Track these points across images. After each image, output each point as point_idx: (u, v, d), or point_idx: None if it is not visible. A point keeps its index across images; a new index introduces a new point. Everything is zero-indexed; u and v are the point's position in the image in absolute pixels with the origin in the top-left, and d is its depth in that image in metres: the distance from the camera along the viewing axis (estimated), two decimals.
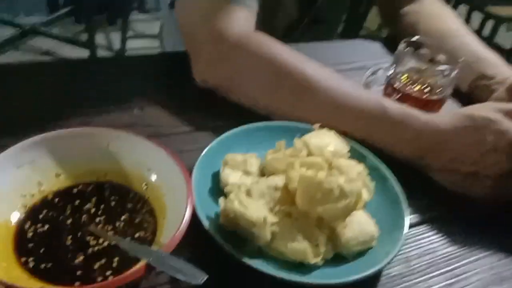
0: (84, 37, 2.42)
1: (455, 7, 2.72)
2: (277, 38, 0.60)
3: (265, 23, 0.65)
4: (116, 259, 0.37)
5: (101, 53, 2.42)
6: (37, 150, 0.41)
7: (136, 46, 2.48)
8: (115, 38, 2.49)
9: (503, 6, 2.53)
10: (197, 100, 0.60)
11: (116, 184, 0.43)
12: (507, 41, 2.93)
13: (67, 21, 2.62)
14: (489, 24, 2.57)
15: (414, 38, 0.63)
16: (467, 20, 2.85)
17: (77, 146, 0.43)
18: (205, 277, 0.31)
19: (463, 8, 2.72)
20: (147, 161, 0.43)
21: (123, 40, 2.33)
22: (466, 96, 0.70)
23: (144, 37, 2.61)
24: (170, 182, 0.41)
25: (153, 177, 0.43)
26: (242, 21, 0.60)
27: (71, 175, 0.43)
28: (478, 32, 2.81)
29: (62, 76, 0.63)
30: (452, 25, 0.78)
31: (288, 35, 0.87)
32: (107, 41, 2.56)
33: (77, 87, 0.60)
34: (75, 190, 0.42)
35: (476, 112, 0.51)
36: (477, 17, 2.72)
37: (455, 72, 0.59)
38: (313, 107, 0.54)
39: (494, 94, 0.65)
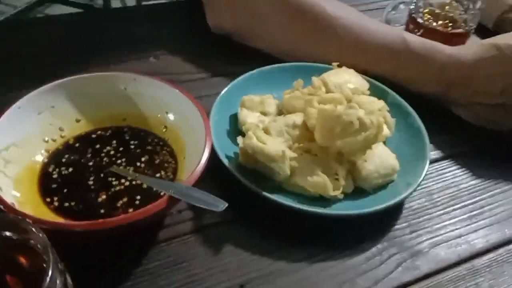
0: (99, 2, 2.41)
1: None
2: None
3: None
4: (138, 197, 0.37)
5: None
6: (56, 95, 0.42)
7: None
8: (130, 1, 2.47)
9: None
10: (212, 47, 0.59)
11: (135, 128, 0.44)
12: None
13: None
14: None
15: None
16: None
17: (95, 91, 0.43)
18: (226, 205, 0.31)
19: None
20: (164, 103, 0.43)
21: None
22: (493, 34, 0.66)
23: None
24: (188, 123, 0.41)
25: (172, 119, 0.43)
26: None
27: (90, 120, 0.43)
28: None
29: (78, 27, 0.63)
30: None
31: None
32: (123, 4, 2.54)
33: (93, 37, 0.60)
34: (95, 135, 0.43)
35: (501, 41, 0.48)
36: None
37: (480, 3, 0.56)
38: (333, 44, 0.53)
39: None
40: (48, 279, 0.23)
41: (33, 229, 0.25)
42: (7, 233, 0.27)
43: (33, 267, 0.27)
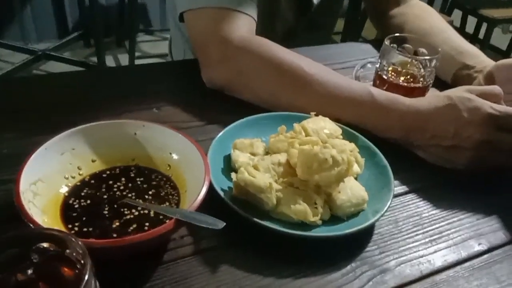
0: (93, 59, 2.54)
1: (449, 11, 2.81)
2: (275, 43, 0.68)
3: (264, 29, 0.74)
4: (146, 224, 0.44)
5: None
6: (76, 139, 0.49)
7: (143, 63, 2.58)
8: (124, 59, 2.60)
9: (496, 9, 2.61)
10: (206, 99, 0.68)
11: (142, 167, 0.51)
12: (503, 42, 3.01)
13: (77, 45, 2.74)
14: (484, 27, 2.64)
15: (397, 34, 0.70)
16: (463, 23, 2.93)
17: (109, 136, 0.50)
18: (224, 224, 0.38)
19: (458, 12, 2.80)
20: (169, 146, 0.50)
21: (131, 60, 2.43)
22: (450, 86, 0.77)
23: (151, 56, 2.72)
24: (189, 162, 0.48)
25: (175, 158, 0.50)
26: (244, 26, 0.68)
27: (104, 161, 0.50)
28: (474, 35, 2.90)
29: (84, 83, 0.71)
30: (435, 23, 0.86)
31: (286, 40, 0.95)
32: (116, 62, 2.67)
33: (101, 91, 0.68)
34: (108, 173, 0.50)
35: (452, 93, 0.58)
36: (471, 20, 2.80)
37: (435, 61, 0.66)
38: (310, 98, 0.62)
39: (475, 82, 0.72)
40: (85, 278, 0.29)
41: (71, 238, 0.31)
42: (44, 245, 0.33)
43: (66, 276, 0.33)
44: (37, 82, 0.74)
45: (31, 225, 0.38)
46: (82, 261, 0.31)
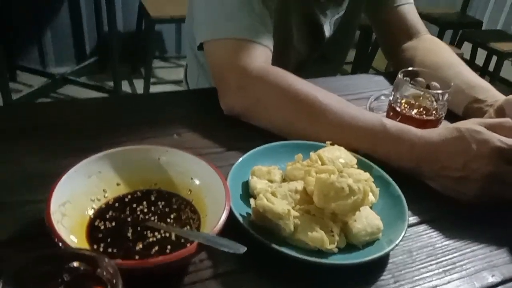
0: (109, 84, 2.61)
1: (459, 44, 2.85)
2: None
3: (277, 60, 0.77)
4: (168, 247, 0.45)
5: None
6: (103, 163, 0.51)
7: (158, 91, 2.64)
8: (139, 85, 2.67)
9: (505, 42, 2.65)
10: (225, 126, 0.71)
11: (164, 191, 0.53)
12: None
13: (94, 70, 2.82)
14: (494, 60, 2.68)
15: (411, 68, 0.73)
16: (473, 56, 2.97)
17: (134, 160, 0.52)
18: (245, 248, 0.40)
19: (468, 45, 2.84)
20: (190, 171, 0.52)
21: (146, 86, 2.49)
22: (462, 119, 0.78)
23: (166, 83, 2.78)
24: (210, 187, 0.50)
25: (196, 183, 0.52)
26: (262, 57, 0.72)
27: (128, 184, 0.52)
28: (484, 67, 2.93)
29: (110, 109, 0.75)
30: (447, 58, 0.89)
31: (298, 71, 0.98)
32: (131, 87, 2.73)
33: (123, 117, 0.71)
34: (131, 196, 0.52)
35: (462, 125, 0.59)
36: (481, 52, 2.84)
37: (447, 95, 0.68)
38: (325, 127, 0.64)
39: (486, 115, 0.74)
40: None
41: (104, 258, 0.33)
42: (75, 264, 0.35)
43: None
44: (64, 107, 0.77)
45: (61, 244, 0.39)
46: (114, 281, 0.32)
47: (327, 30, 0.98)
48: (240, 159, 0.58)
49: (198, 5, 0.80)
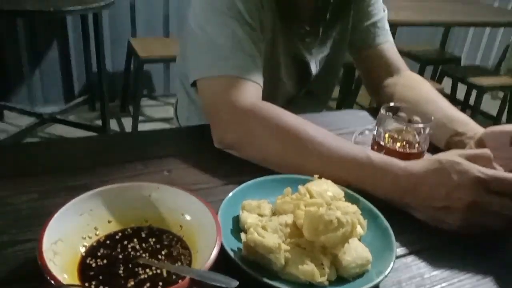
0: (98, 123, 2.62)
1: (440, 79, 2.95)
2: None
3: (267, 96, 0.79)
4: (160, 283, 0.45)
5: None
6: (95, 201, 0.52)
7: (146, 129, 2.66)
8: (127, 123, 2.68)
9: (484, 77, 2.75)
10: (214, 162, 0.72)
11: (155, 227, 0.53)
12: (493, 108, 3.13)
13: (82, 108, 2.83)
14: (474, 93, 2.76)
15: (393, 104, 0.76)
16: (453, 90, 3.07)
17: (125, 198, 0.53)
18: (237, 283, 0.40)
19: (448, 80, 2.94)
20: (181, 207, 0.53)
21: (135, 124, 2.51)
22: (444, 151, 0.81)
23: (154, 120, 2.80)
24: (201, 223, 0.51)
25: (187, 219, 0.53)
26: (252, 93, 0.75)
27: (119, 221, 0.53)
28: (465, 101, 3.02)
29: (99, 148, 0.75)
30: (427, 93, 0.92)
31: (286, 107, 1.01)
32: (120, 126, 2.74)
33: (113, 155, 0.72)
34: (122, 234, 0.52)
35: (443, 157, 0.62)
36: (461, 87, 2.94)
37: (429, 129, 0.71)
38: (312, 158, 0.66)
39: (467, 147, 0.77)
40: None
41: None
42: None
43: None
44: (53, 146, 0.78)
45: (53, 282, 0.39)
46: None
47: (314, 68, 1.01)
48: (230, 194, 0.59)
49: (191, 46, 0.83)
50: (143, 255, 0.49)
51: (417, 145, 0.72)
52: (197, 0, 0.83)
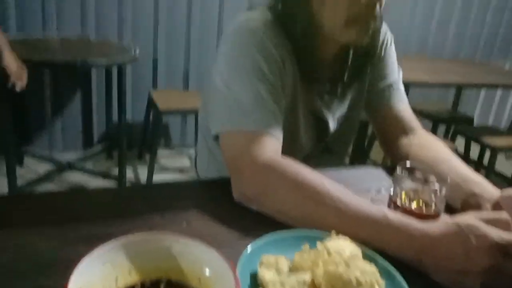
0: (114, 171, 2.66)
1: (453, 138, 2.96)
2: None
3: (285, 152, 0.82)
4: None
5: (130, 185, 2.62)
6: (118, 251, 0.53)
7: (162, 178, 2.69)
8: (143, 171, 2.72)
9: (497, 137, 2.76)
10: (233, 215, 0.73)
11: (173, 280, 0.54)
12: (507, 168, 3.10)
13: (100, 156, 2.89)
14: (488, 154, 2.76)
15: (408, 164, 0.77)
16: (467, 150, 3.07)
17: (146, 249, 0.54)
18: None
19: (461, 139, 2.95)
20: (201, 260, 0.54)
21: (150, 174, 2.54)
22: (460, 212, 0.81)
23: (170, 170, 2.84)
24: (220, 276, 0.51)
25: (206, 273, 0.53)
26: (272, 148, 0.78)
27: (139, 272, 0.54)
28: (479, 161, 3.00)
29: (119, 199, 0.78)
30: (441, 153, 0.94)
31: (304, 163, 1.03)
32: (135, 175, 2.78)
33: (133, 206, 0.74)
34: (142, 284, 0.53)
35: (461, 220, 0.62)
36: (475, 147, 2.94)
37: (444, 190, 0.72)
38: (330, 213, 0.68)
39: (482, 209, 0.77)
40: None
41: None
42: None
43: None
44: (73, 196, 0.80)
45: None
46: None
47: (332, 125, 1.04)
48: (249, 248, 0.60)
49: (214, 100, 0.87)
50: None
51: (433, 206, 0.72)
52: (222, 57, 0.88)
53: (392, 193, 0.74)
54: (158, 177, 2.67)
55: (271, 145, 0.78)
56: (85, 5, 2.65)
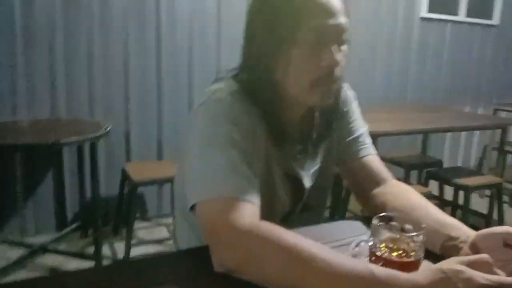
0: (90, 250, 2.57)
1: (426, 182, 3.03)
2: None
3: (265, 213, 0.82)
4: None
5: (107, 263, 2.52)
6: None
7: (140, 252, 2.61)
8: (120, 247, 2.63)
9: (468, 177, 2.84)
10: (215, 285, 0.72)
11: None
12: (482, 206, 3.17)
13: (74, 236, 2.79)
14: (462, 194, 2.82)
15: (384, 214, 0.79)
16: (441, 192, 3.14)
17: None
18: None
19: (434, 182, 3.02)
20: None
21: (128, 249, 2.46)
22: (440, 256, 0.82)
23: (148, 243, 2.76)
24: None
25: None
26: (250, 213, 0.77)
27: None
28: (454, 202, 3.06)
29: (100, 278, 0.75)
30: (415, 200, 0.97)
31: (284, 222, 1.03)
32: (112, 251, 2.69)
33: (117, 284, 0.72)
34: None
35: (445, 266, 0.64)
36: (448, 188, 3.01)
37: (422, 236, 0.73)
38: (315, 276, 0.67)
39: (461, 252, 0.79)
40: None
41: None
42: None
43: None
44: (49, 281, 0.77)
45: None
46: None
47: (307, 183, 1.06)
48: None
49: (189, 170, 0.88)
50: None
51: (413, 253, 0.73)
52: (196, 127, 0.90)
53: (371, 245, 0.75)
54: (136, 251, 2.58)
55: (249, 211, 0.78)
56: (55, 84, 2.69)
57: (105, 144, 2.87)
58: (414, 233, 0.74)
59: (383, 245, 0.75)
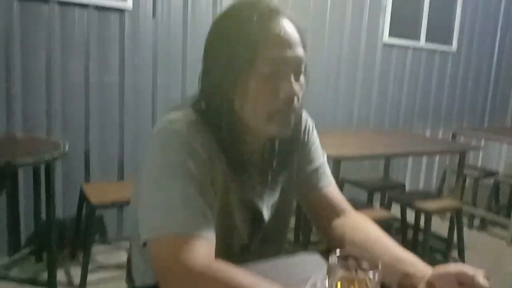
0: (44, 275, 2.43)
1: (388, 205, 3.08)
2: (233, 259, 0.74)
3: (222, 245, 0.79)
4: None
5: None
6: None
7: (97, 278, 2.50)
8: (76, 273, 2.51)
9: (429, 200, 2.90)
10: None
11: None
12: (444, 229, 3.24)
13: (28, 260, 2.65)
14: (423, 217, 2.88)
15: (340, 252, 0.78)
16: (403, 215, 3.19)
17: None
18: None
19: (396, 205, 3.07)
20: None
21: (84, 274, 2.35)
22: None
23: (106, 267, 2.65)
24: None
25: None
26: (204, 252, 0.74)
27: None
28: (416, 225, 3.12)
29: None
30: (373, 234, 0.96)
31: (242, 255, 1.00)
32: (67, 276, 2.56)
33: None
34: None
35: None
36: (410, 211, 3.07)
37: (378, 275, 0.72)
38: None
39: None
40: None
41: None
42: None
43: None
44: None
45: None
46: None
47: (266, 214, 1.04)
48: None
49: (142, 200, 0.84)
50: None
51: None
52: (151, 156, 0.87)
53: (327, 285, 0.73)
54: (94, 277, 2.48)
55: (202, 250, 0.75)
56: (11, 99, 2.57)
57: (63, 164, 2.76)
58: (371, 272, 0.73)
59: (339, 285, 0.73)
